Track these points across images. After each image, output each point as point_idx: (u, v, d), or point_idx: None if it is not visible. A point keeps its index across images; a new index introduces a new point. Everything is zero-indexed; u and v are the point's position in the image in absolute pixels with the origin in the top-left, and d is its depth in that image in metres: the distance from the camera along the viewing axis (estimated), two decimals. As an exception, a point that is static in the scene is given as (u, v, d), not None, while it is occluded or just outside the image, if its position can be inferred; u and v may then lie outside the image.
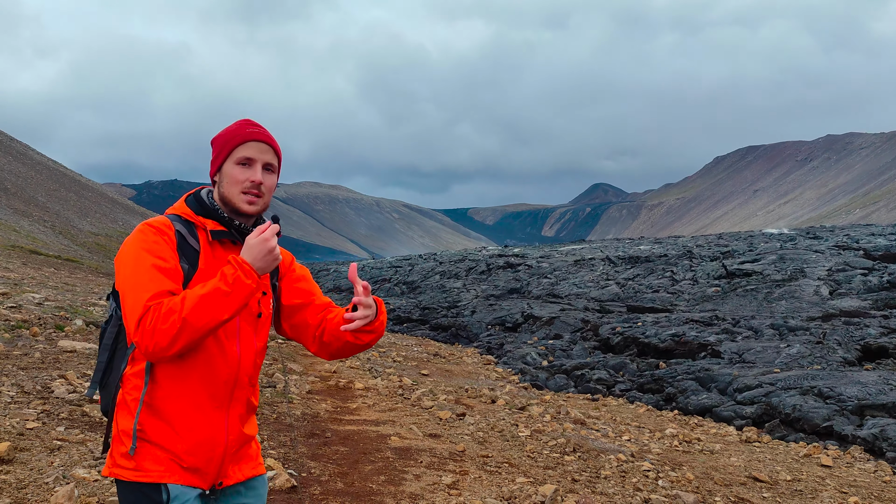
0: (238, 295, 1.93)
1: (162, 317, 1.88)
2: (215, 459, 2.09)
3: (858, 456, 8.50)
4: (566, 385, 13.35)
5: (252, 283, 1.96)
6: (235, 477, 2.17)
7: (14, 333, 8.37)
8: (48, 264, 21.71)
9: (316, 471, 5.60)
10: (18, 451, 4.65)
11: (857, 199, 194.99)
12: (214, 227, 2.15)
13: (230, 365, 2.10)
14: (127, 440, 2.03)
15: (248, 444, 2.22)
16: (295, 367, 10.32)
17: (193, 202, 2.20)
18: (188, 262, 2.07)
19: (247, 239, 2.02)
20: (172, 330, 1.88)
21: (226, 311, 1.92)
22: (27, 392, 6.09)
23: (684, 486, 6.29)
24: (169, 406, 2.03)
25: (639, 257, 34.41)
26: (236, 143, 2.16)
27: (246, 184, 2.14)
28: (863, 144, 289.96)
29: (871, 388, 10.27)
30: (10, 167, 47.08)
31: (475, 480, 5.70)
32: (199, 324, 1.89)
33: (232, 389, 2.11)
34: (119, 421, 2.06)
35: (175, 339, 1.88)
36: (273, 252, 2.00)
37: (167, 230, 2.08)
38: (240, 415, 2.16)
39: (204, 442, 2.06)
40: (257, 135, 2.17)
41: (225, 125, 2.29)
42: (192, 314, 1.88)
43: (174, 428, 2.03)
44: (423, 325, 23.12)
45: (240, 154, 2.15)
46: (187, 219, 2.15)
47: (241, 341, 2.13)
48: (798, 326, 15.89)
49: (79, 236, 38.65)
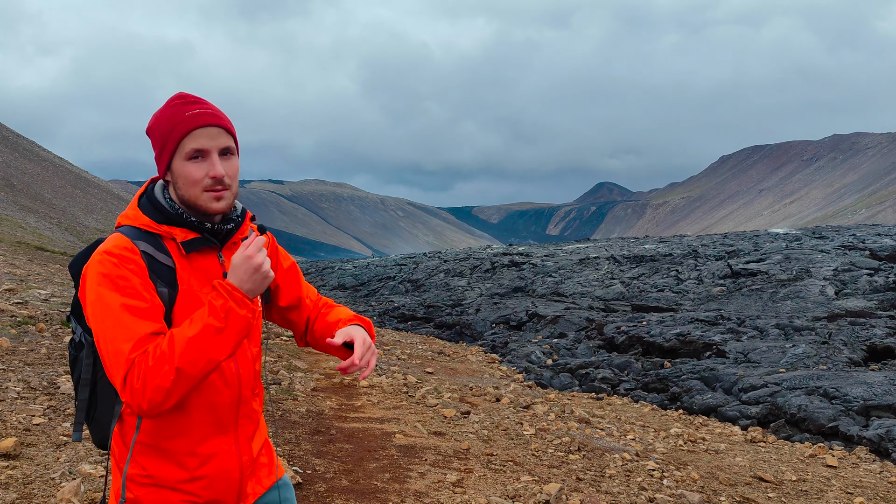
0: (233, 329, 1.69)
1: (152, 371, 1.63)
2: (233, 486, 1.92)
3: (864, 456, 8.47)
4: (571, 384, 13.34)
5: (246, 312, 1.71)
6: (255, 493, 2.00)
7: (20, 329, 8.40)
8: (54, 261, 21.78)
9: (321, 468, 5.60)
10: (25, 446, 4.66)
11: (863, 199, 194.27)
12: (184, 236, 1.85)
13: (231, 386, 1.90)
14: (134, 488, 1.85)
15: (261, 454, 2.05)
16: (300, 364, 10.33)
17: (150, 207, 1.86)
18: (165, 285, 1.79)
19: (232, 259, 1.75)
20: (166, 383, 1.64)
21: (223, 350, 1.69)
22: (33, 388, 6.11)
23: (689, 486, 6.28)
24: (174, 444, 1.83)
25: (644, 256, 34.34)
26: (181, 135, 1.80)
27: (206, 181, 1.81)
28: (869, 144, 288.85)
29: (876, 389, 10.24)
30: (17, 164, 47.24)
31: (480, 478, 5.70)
32: (194, 370, 1.66)
33: (237, 410, 1.93)
34: (122, 467, 1.87)
35: (170, 392, 1.65)
36: (261, 270, 1.73)
37: (131, 255, 1.76)
38: (249, 433, 1.98)
39: (218, 473, 1.88)
40: (202, 118, 1.82)
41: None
42: (186, 361, 1.64)
43: (184, 466, 1.84)
44: (427, 323, 23.12)
45: (189, 147, 1.81)
46: (149, 230, 1.83)
47: (237, 356, 1.92)
48: (803, 326, 15.85)
49: (85, 233, 38.77)
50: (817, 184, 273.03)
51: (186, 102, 1.85)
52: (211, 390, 1.86)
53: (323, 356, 11.23)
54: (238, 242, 1.96)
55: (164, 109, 1.85)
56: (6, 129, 56.07)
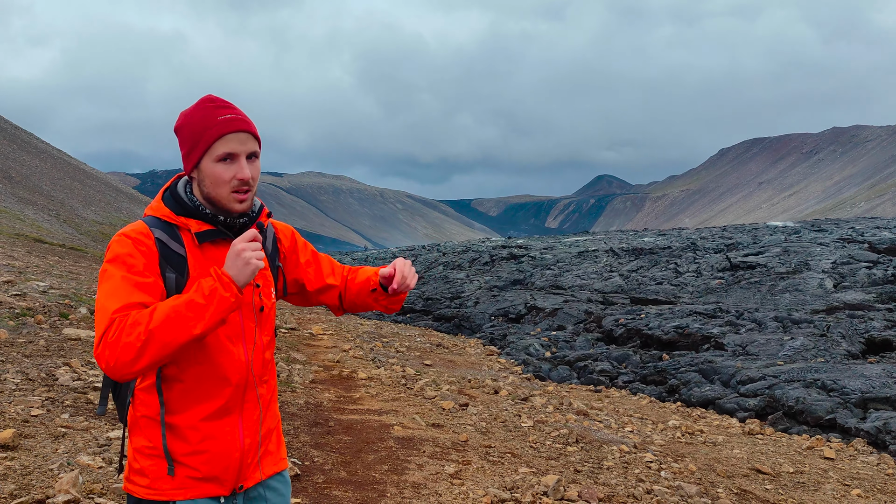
0: (215, 308, 1.77)
1: (127, 328, 1.72)
2: (232, 466, 1.99)
3: (861, 449, 8.50)
4: (569, 376, 13.36)
5: (230, 296, 1.79)
6: (255, 478, 2.07)
7: (19, 321, 8.40)
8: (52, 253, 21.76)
9: (319, 460, 5.61)
10: (23, 437, 4.67)
11: (862, 192, 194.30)
12: (199, 227, 1.97)
13: (239, 370, 1.99)
14: (141, 458, 1.95)
15: (267, 440, 2.13)
16: (298, 356, 10.34)
17: (171, 200, 2.01)
18: (176, 271, 1.92)
19: (229, 250, 1.87)
20: (137, 343, 1.71)
21: (200, 324, 1.75)
22: (32, 379, 6.11)
23: (687, 478, 6.29)
24: (179, 418, 1.94)
25: (643, 249, 34.35)
26: (214, 138, 1.93)
27: (233, 182, 1.95)
28: (868, 137, 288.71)
29: (874, 382, 10.26)
30: (15, 155, 47.13)
31: (478, 470, 5.71)
32: (167, 338, 1.72)
33: (243, 393, 2.01)
34: (132, 439, 1.98)
35: (140, 353, 1.71)
36: (249, 264, 1.82)
37: (145, 239, 1.90)
38: (254, 418, 2.05)
39: (219, 452, 1.97)
40: (234, 123, 1.95)
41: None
42: (161, 327, 1.72)
43: (187, 441, 1.94)
44: (426, 316, 23.14)
45: (220, 150, 1.93)
46: (167, 220, 1.97)
47: (246, 341, 2.01)
48: (802, 319, 15.87)
49: (83, 225, 38.71)
50: (817, 177, 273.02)
51: (218, 106, 1.97)
52: (218, 371, 1.96)
53: (321, 348, 11.24)
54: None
55: (195, 111, 1.97)
56: (4, 121, 55.94)
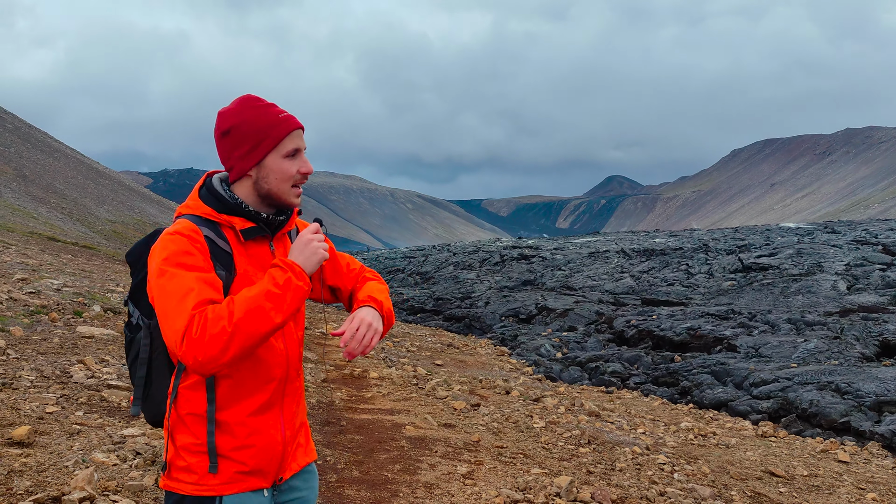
0: (292, 297, 1.84)
1: (210, 323, 1.75)
2: (275, 458, 2.04)
3: (876, 452, 8.43)
4: (580, 377, 13.32)
5: (304, 284, 1.87)
6: (292, 469, 2.12)
7: (33, 319, 8.46)
8: (66, 251, 21.91)
9: (331, 459, 5.62)
10: (38, 434, 4.69)
11: (876, 194, 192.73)
12: (243, 224, 2.00)
13: (280, 364, 2.03)
14: (187, 455, 1.96)
15: (300, 432, 2.18)
16: (310, 355, 10.36)
17: (211, 198, 2.02)
18: (224, 269, 1.95)
19: (296, 240, 1.97)
20: (224, 336, 1.74)
21: (279, 314, 1.82)
22: (46, 377, 6.15)
23: (700, 480, 6.26)
24: (226, 415, 1.96)
25: (654, 250, 34.22)
26: (283, 135, 2.00)
27: (297, 177, 2.03)
28: (883, 138, 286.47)
29: (889, 384, 10.17)
30: (29, 154, 47.49)
31: (490, 471, 5.70)
32: (251, 329, 1.77)
33: (284, 387, 2.06)
34: (176, 437, 1.98)
35: (227, 346, 1.75)
36: (316, 253, 1.93)
37: (197, 237, 1.92)
38: (293, 410, 2.11)
39: (264, 445, 2.01)
40: (295, 121, 2.03)
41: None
42: (244, 319, 1.77)
43: (235, 436, 1.96)
44: (436, 316, 23.13)
45: (289, 146, 2.01)
46: (210, 218, 1.99)
47: (286, 336, 2.06)
48: (815, 321, 15.75)
49: (96, 223, 38.96)
50: (830, 178, 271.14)
51: (269, 105, 2.03)
52: (263, 367, 1.99)
53: (332, 347, 11.26)
54: (286, 234, 2.15)
55: (248, 110, 2.00)
56: (18, 120, 56.36)
